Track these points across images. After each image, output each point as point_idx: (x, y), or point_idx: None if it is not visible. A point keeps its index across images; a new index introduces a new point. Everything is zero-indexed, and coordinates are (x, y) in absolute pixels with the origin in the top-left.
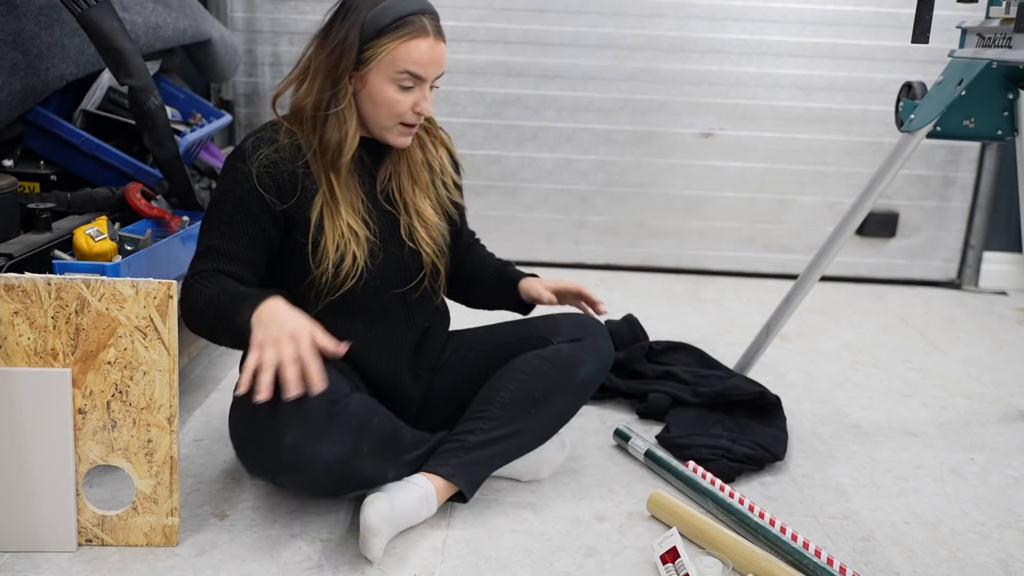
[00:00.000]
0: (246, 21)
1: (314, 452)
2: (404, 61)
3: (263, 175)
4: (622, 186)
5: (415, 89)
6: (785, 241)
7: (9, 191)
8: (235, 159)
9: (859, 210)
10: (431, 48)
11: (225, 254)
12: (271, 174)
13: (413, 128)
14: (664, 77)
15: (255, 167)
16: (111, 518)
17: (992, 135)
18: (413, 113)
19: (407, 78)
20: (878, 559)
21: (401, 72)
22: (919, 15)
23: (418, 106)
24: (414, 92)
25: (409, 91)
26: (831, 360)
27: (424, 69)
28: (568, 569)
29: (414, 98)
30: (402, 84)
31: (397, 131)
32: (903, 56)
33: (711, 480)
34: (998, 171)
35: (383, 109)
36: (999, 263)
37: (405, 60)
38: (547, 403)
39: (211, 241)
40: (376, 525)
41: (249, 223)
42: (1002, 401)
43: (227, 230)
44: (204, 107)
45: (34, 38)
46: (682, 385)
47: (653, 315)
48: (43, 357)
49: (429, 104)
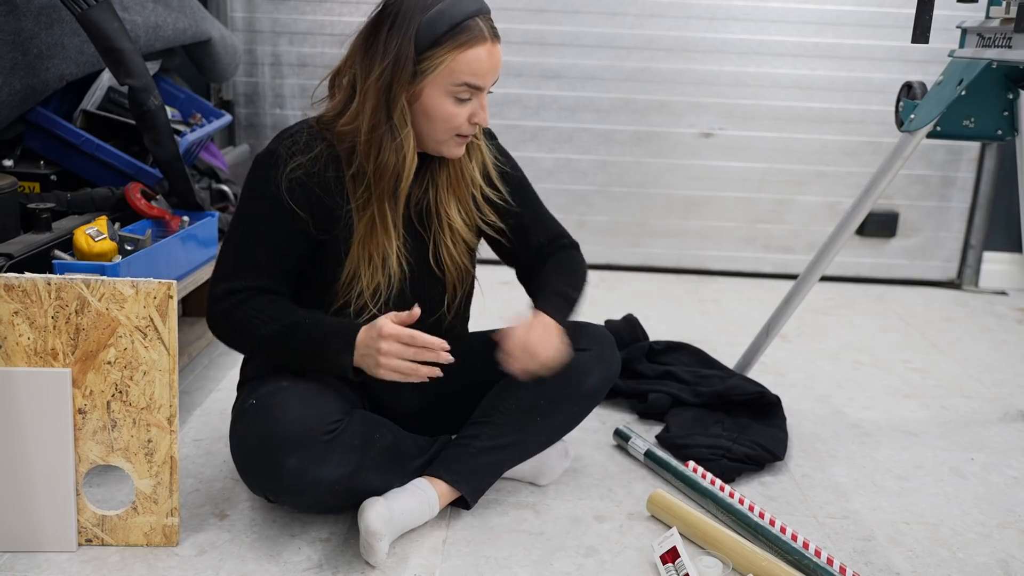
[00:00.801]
0: (246, 21)
1: (317, 475)
2: (463, 73)
3: (295, 188)
4: (622, 186)
5: (472, 100)
6: (785, 241)
7: (9, 191)
8: (267, 166)
9: (859, 210)
10: (490, 55)
11: (258, 268)
12: (304, 187)
13: (467, 138)
14: (664, 77)
15: (287, 177)
16: (111, 518)
17: (992, 135)
18: (469, 124)
19: (465, 90)
20: (878, 559)
21: (459, 84)
22: (919, 15)
23: (475, 116)
24: (471, 103)
25: (466, 103)
26: (831, 360)
27: (483, 79)
28: (568, 569)
29: (471, 109)
30: (459, 96)
31: (453, 143)
32: (903, 56)
33: (711, 480)
34: (998, 171)
35: (439, 124)
36: (999, 263)
37: (464, 72)
38: (553, 411)
39: (241, 252)
40: (378, 529)
41: (280, 235)
42: (1002, 401)
43: (257, 241)
44: (204, 107)
45: (34, 38)
46: (682, 385)
47: (653, 315)
48: (43, 357)
49: (486, 113)
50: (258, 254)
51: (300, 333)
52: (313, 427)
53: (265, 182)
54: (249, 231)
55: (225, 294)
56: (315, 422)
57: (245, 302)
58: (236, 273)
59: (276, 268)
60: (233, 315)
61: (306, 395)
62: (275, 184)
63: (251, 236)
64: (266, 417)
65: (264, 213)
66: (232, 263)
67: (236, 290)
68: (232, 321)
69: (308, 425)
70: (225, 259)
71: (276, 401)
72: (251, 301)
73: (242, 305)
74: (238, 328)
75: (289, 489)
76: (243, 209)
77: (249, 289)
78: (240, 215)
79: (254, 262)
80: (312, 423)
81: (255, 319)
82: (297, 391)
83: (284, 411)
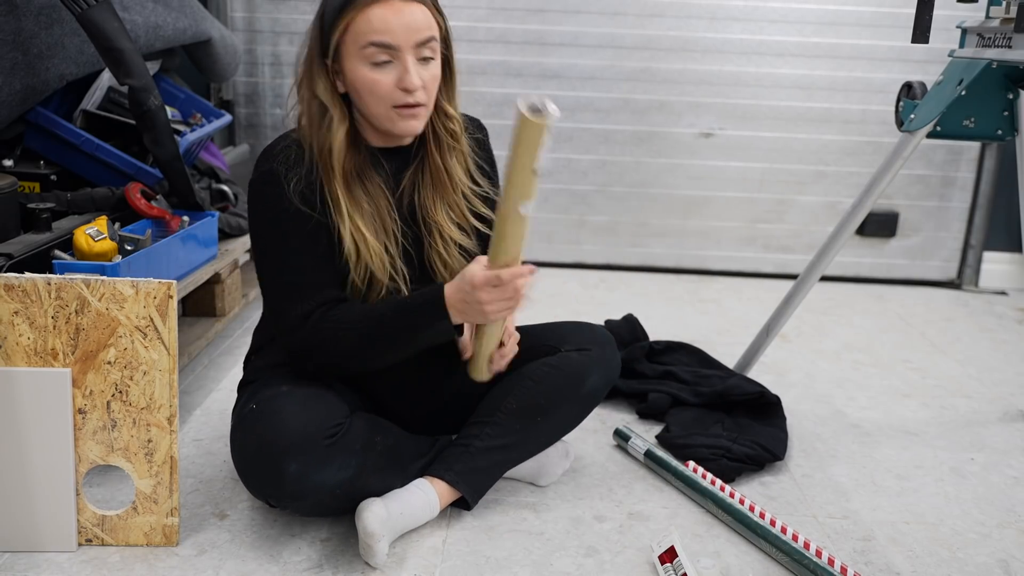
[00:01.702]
0: (246, 21)
1: (319, 480)
2: (366, 33)
3: (297, 194)
4: (622, 186)
5: (394, 63)
6: (785, 241)
7: (9, 191)
8: (271, 184)
9: (859, 210)
10: (395, 11)
11: (311, 284)
12: (306, 197)
13: (414, 108)
14: (664, 77)
15: (293, 190)
16: (111, 518)
17: (992, 135)
18: (401, 91)
19: (377, 51)
20: (878, 559)
21: (366, 46)
22: (919, 15)
23: (402, 81)
24: (394, 67)
25: (386, 66)
26: (831, 360)
27: (391, 36)
28: (568, 569)
29: (396, 74)
30: (374, 60)
31: (397, 116)
32: (903, 56)
33: (711, 480)
34: (998, 171)
35: (368, 97)
36: (999, 263)
37: (367, 31)
38: (553, 411)
39: (288, 276)
40: (376, 530)
41: (312, 242)
42: (1002, 401)
43: (296, 260)
44: (204, 107)
45: (34, 38)
46: (682, 385)
47: (653, 315)
48: (43, 357)
49: (415, 76)
50: (304, 270)
51: (389, 324)
52: (314, 432)
53: (276, 199)
54: (284, 253)
55: (299, 321)
56: (316, 427)
57: (322, 321)
58: (296, 298)
59: (326, 276)
60: (316, 337)
61: (306, 400)
62: (286, 199)
63: (290, 256)
64: (266, 423)
65: (289, 230)
66: (286, 291)
67: (307, 313)
68: (318, 342)
69: (309, 431)
70: (276, 291)
71: (276, 406)
72: (327, 318)
73: (320, 325)
74: (325, 347)
75: (290, 495)
76: (266, 236)
77: (318, 306)
78: (265, 242)
79: (304, 280)
80: (313, 428)
81: (339, 332)
82: (297, 396)
83: (284, 417)
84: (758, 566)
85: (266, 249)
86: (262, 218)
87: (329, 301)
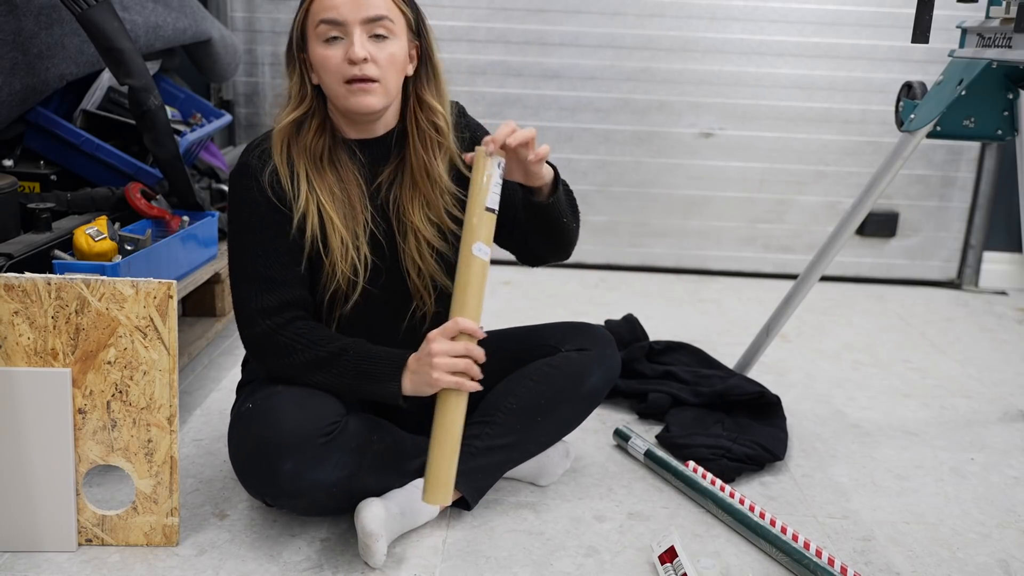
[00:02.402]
0: (246, 21)
1: (314, 479)
2: (318, 12)
3: (275, 187)
4: (622, 186)
5: (344, 40)
6: (785, 241)
7: (9, 191)
8: (244, 176)
9: (859, 210)
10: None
11: (275, 280)
12: (273, 187)
13: (365, 84)
14: (664, 77)
15: (267, 182)
16: (111, 518)
17: (992, 135)
18: (348, 64)
19: (327, 28)
20: (878, 559)
21: (319, 25)
22: (919, 15)
23: (348, 53)
24: (344, 43)
25: (337, 43)
26: (831, 360)
27: (337, 11)
28: (568, 569)
29: (344, 49)
30: (326, 38)
31: (347, 92)
32: (903, 56)
33: (711, 480)
34: (998, 171)
35: (324, 75)
36: (999, 263)
37: (318, 11)
38: (553, 411)
39: (254, 268)
40: (374, 530)
41: (280, 238)
42: (1002, 401)
43: (264, 251)
44: (204, 107)
45: (34, 38)
46: (682, 385)
47: (653, 315)
48: (43, 357)
49: (359, 47)
50: (270, 264)
51: (346, 360)
52: (309, 431)
53: (247, 191)
54: (251, 245)
55: (259, 315)
56: (311, 426)
57: (285, 327)
58: (259, 290)
59: (291, 274)
60: (273, 339)
61: (302, 399)
62: (257, 190)
63: (256, 248)
64: (262, 421)
65: (257, 223)
66: (250, 283)
67: (268, 310)
68: (273, 344)
69: (304, 429)
70: (241, 281)
71: (272, 405)
72: (290, 326)
73: (282, 330)
74: (280, 352)
75: (286, 493)
76: (237, 227)
77: (281, 306)
78: (235, 234)
79: (268, 274)
80: (308, 427)
81: (296, 344)
82: (293, 395)
83: (280, 415)
84: (758, 566)
85: (235, 241)
86: (233, 208)
87: (294, 303)
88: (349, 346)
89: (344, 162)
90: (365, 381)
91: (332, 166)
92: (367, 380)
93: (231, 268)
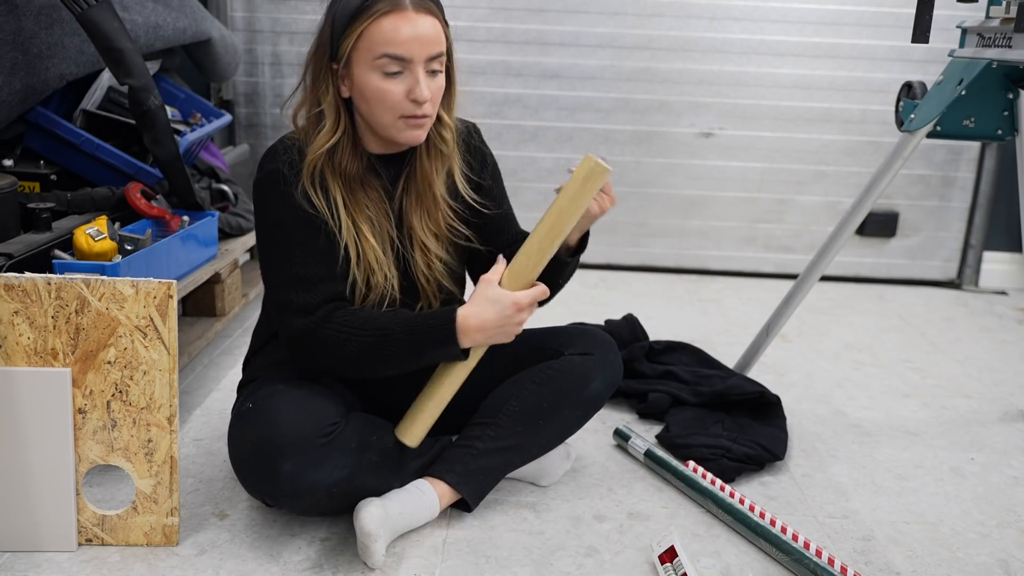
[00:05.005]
0: (246, 21)
1: (314, 479)
2: (379, 43)
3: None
4: (622, 186)
5: (405, 74)
6: (785, 241)
7: (9, 191)
8: (277, 182)
9: (859, 210)
10: (409, 23)
11: (315, 280)
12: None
13: (421, 120)
14: (664, 77)
15: (295, 187)
16: (111, 518)
17: (992, 135)
18: (410, 102)
19: (389, 62)
20: (878, 559)
21: (380, 57)
22: (919, 15)
23: (412, 92)
24: (404, 78)
25: (397, 77)
26: (831, 360)
27: (405, 48)
28: (568, 569)
29: (406, 85)
30: (386, 71)
31: (403, 126)
32: (903, 56)
33: (711, 480)
34: (998, 171)
35: (376, 105)
36: (999, 263)
37: (380, 42)
38: (555, 415)
39: (292, 273)
40: (373, 530)
41: (316, 240)
42: (1002, 401)
43: (303, 254)
44: (204, 107)
45: (34, 38)
46: (682, 385)
47: (653, 315)
48: (43, 357)
49: (424, 88)
50: (308, 264)
51: (396, 340)
52: (309, 431)
53: (282, 198)
54: (290, 248)
55: (301, 314)
56: (311, 426)
57: (327, 320)
58: (300, 289)
59: (330, 272)
60: (318, 335)
61: (301, 399)
62: (292, 197)
63: (294, 250)
64: (261, 422)
65: (295, 227)
66: (290, 283)
67: (310, 305)
68: (320, 341)
69: (304, 429)
70: (280, 284)
71: (272, 405)
72: (332, 319)
73: (325, 324)
74: (329, 348)
75: (286, 493)
76: (272, 233)
77: (323, 301)
78: (271, 239)
79: (308, 272)
80: (308, 427)
81: (341, 334)
82: (293, 395)
83: (279, 415)
84: (758, 566)
85: (271, 246)
86: (268, 216)
87: (333, 298)
88: (391, 323)
89: (372, 182)
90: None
91: (362, 187)
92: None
93: (268, 274)
